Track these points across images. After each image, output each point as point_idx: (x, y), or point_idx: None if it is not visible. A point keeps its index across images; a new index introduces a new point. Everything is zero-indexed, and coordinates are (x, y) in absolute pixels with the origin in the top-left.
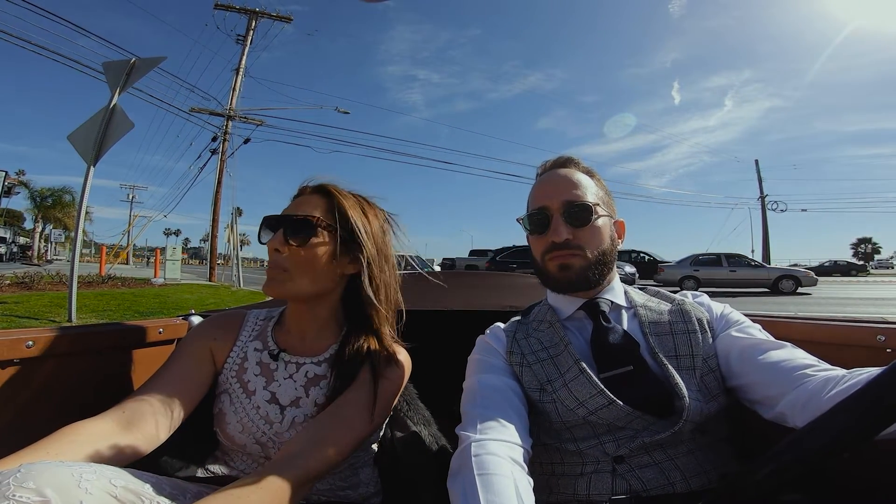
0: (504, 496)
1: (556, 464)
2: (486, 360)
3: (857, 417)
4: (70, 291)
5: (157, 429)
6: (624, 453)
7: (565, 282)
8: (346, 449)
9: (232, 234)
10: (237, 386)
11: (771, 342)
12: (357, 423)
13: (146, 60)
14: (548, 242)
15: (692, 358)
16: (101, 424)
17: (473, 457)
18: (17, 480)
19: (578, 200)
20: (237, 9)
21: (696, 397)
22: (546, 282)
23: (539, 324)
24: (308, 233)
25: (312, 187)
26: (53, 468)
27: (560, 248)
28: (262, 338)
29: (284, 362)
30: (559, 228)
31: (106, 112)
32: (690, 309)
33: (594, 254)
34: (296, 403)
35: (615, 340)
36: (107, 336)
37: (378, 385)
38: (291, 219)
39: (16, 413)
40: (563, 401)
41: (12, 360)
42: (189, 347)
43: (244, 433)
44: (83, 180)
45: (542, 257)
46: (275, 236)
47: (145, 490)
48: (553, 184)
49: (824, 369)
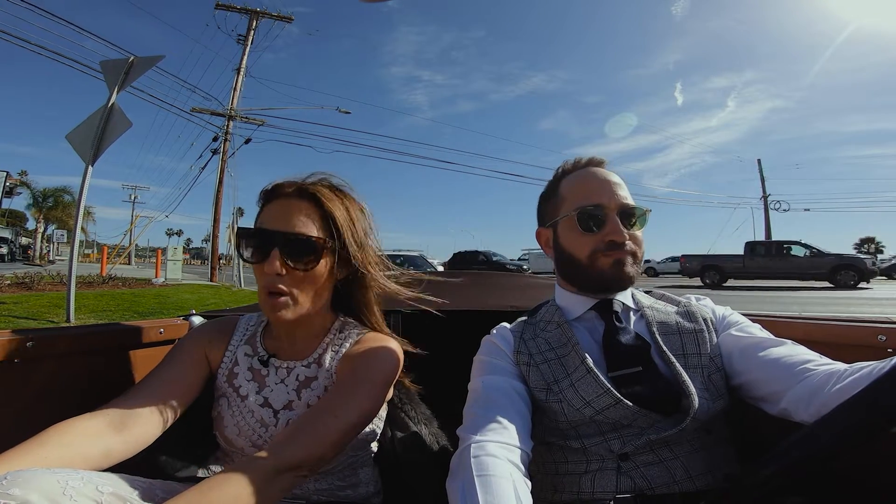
0: (502, 497)
1: (560, 462)
2: (491, 361)
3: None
4: (68, 292)
5: (148, 428)
6: (629, 451)
7: (617, 280)
8: (331, 437)
9: (233, 235)
10: (230, 390)
11: (772, 339)
12: (341, 410)
13: (144, 59)
14: (603, 240)
15: (699, 357)
16: (90, 423)
17: (472, 458)
18: (3, 487)
19: (632, 204)
20: (238, 9)
21: (704, 395)
22: (590, 281)
23: (546, 324)
24: (309, 253)
25: (293, 191)
26: (39, 475)
27: (618, 247)
28: (252, 343)
29: (275, 367)
30: (620, 228)
31: (104, 111)
32: (696, 310)
33: (639, 257)
34: (289, 407)
35: (627, 340)
36: (107, 336)
37: (364, 373)
38: (289, 237)
39: (16, 413)
40: (570, 400)
41: (13, 359)
42: (184, 350)
43: (241, 436)
44: (81, 180)
45: (592, 255)
46: (269, 259)
47: (134, 496)
48: (604, 182)
49: (826, 363)
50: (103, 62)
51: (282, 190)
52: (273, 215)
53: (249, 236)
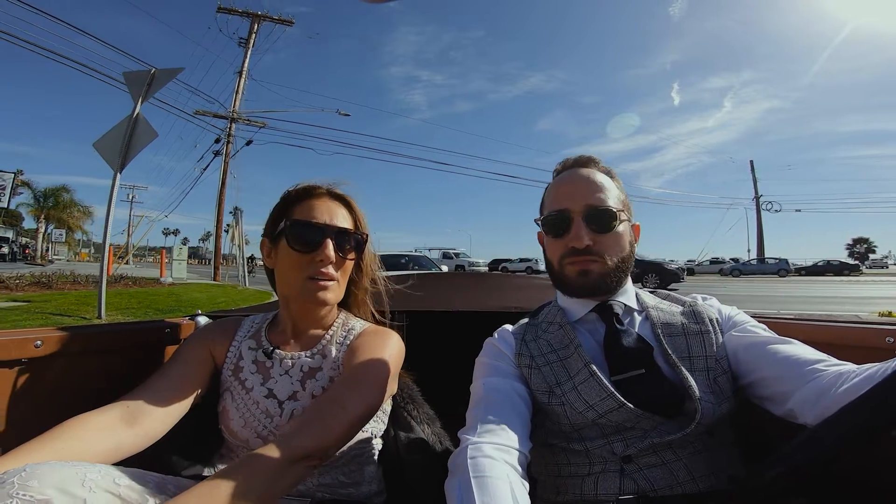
0: (499, 498)
1: (563, 465)
2: (492, 363)
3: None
4: (100, 290)
5: (157, 423)
6: (632, 453)
7: (583, 288)
8: (340, 428)
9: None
10: (236, 383)
11: (778, 338)
12: (349, 401)
13: (165, 71)
14: (567, 247)
15: (706, 359)
16: (102, 418)
17: (469, 459)
18: (22, 479)
19: (602, 205)
20: (240, 12)
21: (709, 399)
22: (562, 286)
23: (549, 325)
24: (353, 246)
25: (326, 192)
26: (58, 468)
27: (580, 253)
28: (257, 337)
29: (279, 359)
30: (580, 234)
31: (129, 121)
32: (703, 310)
33: (614, 261)
34: (293, 397)
35: (628, 343)
36: (114, 336)
37: (370, 365)
38: (338, 231)
39: (25, 412)
40: (573, 403)
41: (21, 359)
42: (189, 349)
43: (246, 428)
44: (110, 186)
45: (560, 261)
46: (323, 248)
47: (148, 489)
48: (575, 184)
49: (835, 364)
50: (126, 73)
51: (315, 191)
52: (317, 212)
53: (302, 227)
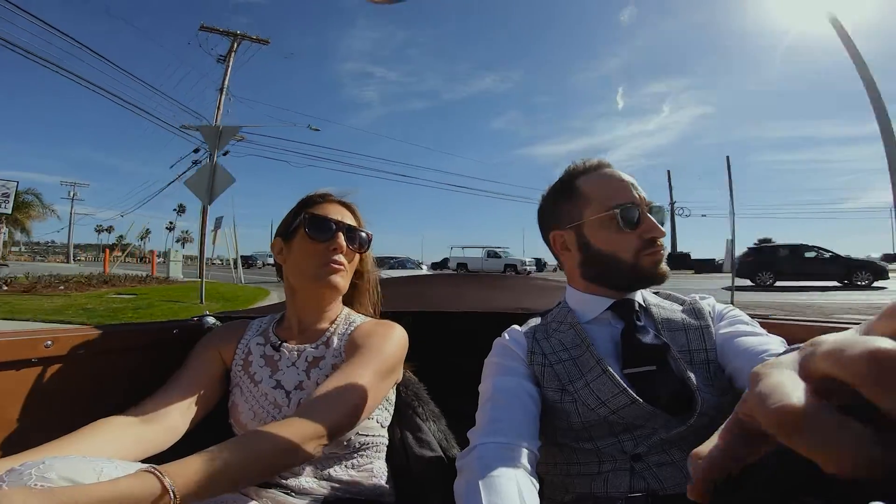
0: (506, 498)
1: (572, 464)
2: (502, 362)
3: None
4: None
5: (177, 423)
6: (642, 451)
7: (658, 277)
8: (346, 407)
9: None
10: (245, 378)
11: (751, 331)
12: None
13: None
14: (643, 239)
15: (706, 352)
16: (125, 419)
17: (478, 459)
18: (40, 471)
19: (654, 202)
20: (221, 31)
21: (710, 391)
22: (636, 280)
23: (559, 325)
24: (360, 241)
25: (336, 200)
26: (76, 462)
27: (657, 244)
28: (265, 335)
29: (286, 351)
30: (657, 224)
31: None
32: (701, 307)
33: None
34: (300, 387)
35: (647, 340)
36: (123, 336)
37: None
38: (348, 227)
39: (34, 412)
40: (585, 400)
41: (31, 359)
42: (200, 353)
43: (255, 419)
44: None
45: (637, 254)
46: (335, 239)
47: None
48: (631, 182)
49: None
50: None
51: (329, 198)
52: (332, 212)
53: (318, 220)
